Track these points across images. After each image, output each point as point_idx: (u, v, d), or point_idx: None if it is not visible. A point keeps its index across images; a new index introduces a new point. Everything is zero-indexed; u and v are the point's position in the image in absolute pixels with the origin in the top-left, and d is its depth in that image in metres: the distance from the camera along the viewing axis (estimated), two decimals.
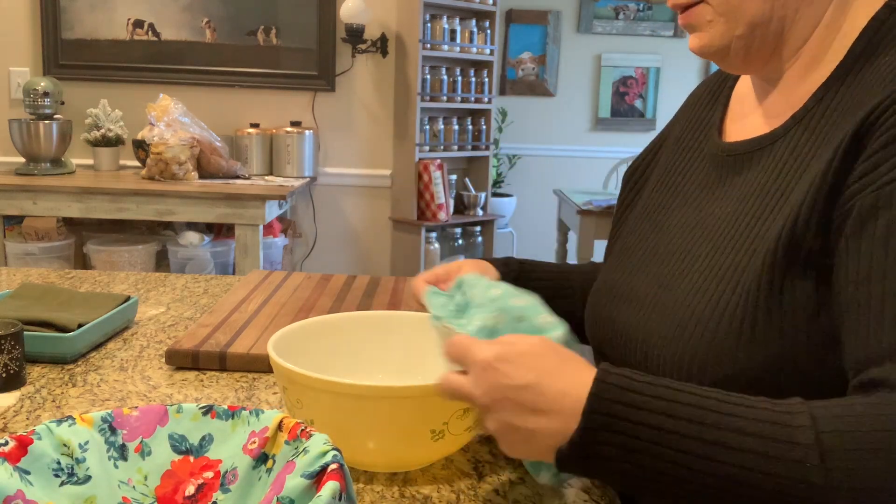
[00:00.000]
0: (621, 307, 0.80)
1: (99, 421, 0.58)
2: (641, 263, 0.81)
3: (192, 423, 0.59)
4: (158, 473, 0.58)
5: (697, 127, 0.87)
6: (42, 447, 0.54)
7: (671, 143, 0.90)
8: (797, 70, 0.73)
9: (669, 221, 0.81)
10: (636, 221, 0.87)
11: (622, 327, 0.78)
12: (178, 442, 0.59)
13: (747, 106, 0.81)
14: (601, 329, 0.83)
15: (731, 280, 0.68)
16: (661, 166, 0.89)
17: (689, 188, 0.82)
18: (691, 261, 0.74)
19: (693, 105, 0.91)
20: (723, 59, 0.75)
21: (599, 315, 0.84)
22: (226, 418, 0.59)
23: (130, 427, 0.59)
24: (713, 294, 0.68)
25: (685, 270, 0.73)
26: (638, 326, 0.75)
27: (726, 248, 0.70)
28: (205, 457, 0.59)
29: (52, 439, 0.55)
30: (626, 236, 0.88)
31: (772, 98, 0.77)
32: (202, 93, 3.26)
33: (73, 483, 0.55)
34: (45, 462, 0.54)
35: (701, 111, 0.89)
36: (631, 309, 0.78)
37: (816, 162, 0.66)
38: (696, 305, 0.69)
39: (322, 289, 1.34)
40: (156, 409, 0.59)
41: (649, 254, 0.81)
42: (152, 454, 0.58)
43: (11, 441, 0.53)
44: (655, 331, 0.72)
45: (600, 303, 0.84)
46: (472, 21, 3.49)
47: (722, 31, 0.73)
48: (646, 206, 0.87)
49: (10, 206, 2.71)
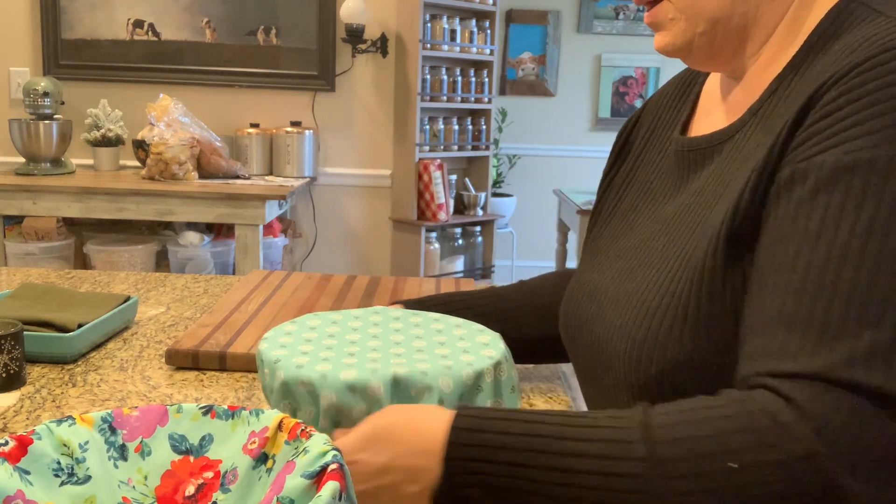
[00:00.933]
0: (585, 303, 0.81)
1: (99, 421, 0.58)
2: (608, 260, 0.82)
3: (192, 423, 0.59)
4: (158, 473, 0.58)
5: (664, 125, 0.87)
6: (42, 447, 0.54)
7: (639, 140, 0.91)
8: (760, 65, 0.73)
9: (638, 220, 0.82)
10: (609, 222, 0.88)
11: (585, 322, 0.79)
12: (178, 442, 0.59)
13: (713, 102, 0.81)
14: (569, 325, 0.84)
15: (678, 269, 0.68)
16: (630, 165, 0.90)
17: (655, 186, 0.82)
18: (648, 253, 0.75)
19: (659, 101, 0.91)
20: (687, 57, 0.76)
21: (567, 311, 0.85)
22: (226, 418, 0.59)
23: (130, 427, 0.58)
24: (662, 283, 0.69)
25: (643, 263, 0.74)
26: (597, 320, 0.76)
27: (678, 239, 0.71)
28: (205, 457, 0.58)
29: (52, 439, 0.55)
30: (598, 235, 0.89)
31: (735, 93, 0.77)
32: (202, 93, 3.26)
33: (74, 483, 0.55)
34: (45, 462, 0.54)
35: (669, 108, 0.89)
36: (593, 304, 0.79)
37: (761, 148, 0.66)
38: (646, 296, 0.70)
39: (322, 289, 1.34)
40: (156, 409, 0.59)
41: (616, 251, 0.81)
42: (152, 454, 0.58)
43: (11, 441, 0.53)
44: (611, 323, 0.73)
45: (570, 300, 0.85)
46: (472, 21, 3.50)
47: (683, 29, 0.73)
48: (618, 207, 0.88)
49: (10, 206, 2.71)
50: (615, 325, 0.72)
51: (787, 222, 0.60)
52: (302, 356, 0.74)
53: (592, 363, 0.77)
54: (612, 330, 0.72)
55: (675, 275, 0.68)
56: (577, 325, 0.81)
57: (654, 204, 0.81)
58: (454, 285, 1.39)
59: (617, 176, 0.91)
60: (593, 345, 0.76)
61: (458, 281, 1.42)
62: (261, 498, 0.55)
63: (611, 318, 0.73)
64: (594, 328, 0.77)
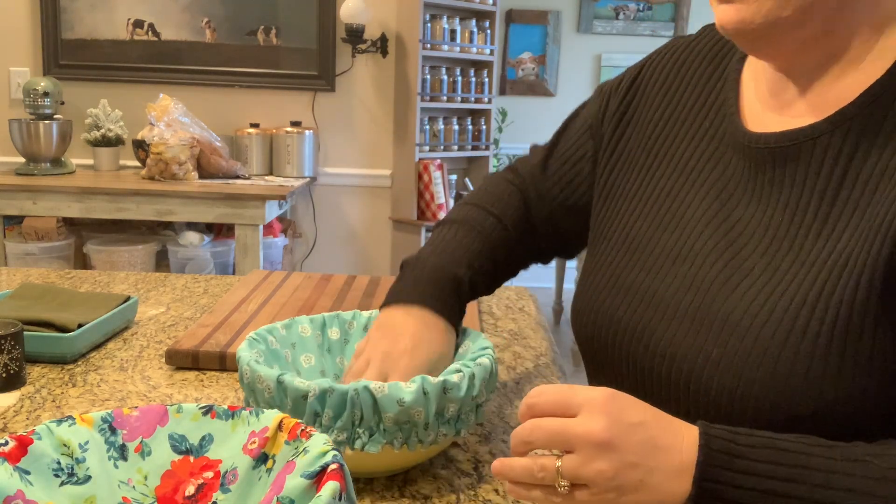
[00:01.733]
0: (643, 311, 0.72)
1: (99, 421, 0.58)
2: (662, 261, 0.73)
3: (192, 423, 0.59)
4: (158, 473, 0.58)
5: (704, 102, 0.78)
6: (42, 447, 0.54)
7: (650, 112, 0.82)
8: (838, 67, 0.66)
9: (690, 215, 0.73)
10: (640, 204, 0.78)
11: (648, 335, 0.71)
12: (178, 442, 0.59)
13: (756, 91, 0.73)
14: (609, 330, 0.75)
15: (805, 304, 0.61)
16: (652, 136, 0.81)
17: (711, 179, 0.73)
18: (732, 270, 0.67)
19: (679, 73, 0.82)
20: (755, 42, 0.66)
21: (610, 316, 0.76)
22: (226, 418, 0.59)
23: (130, 427, 0.59)
24: (783, 318, 0.61)
25: (732, 283, 0.66)
26: (673, 339, 0.68)
27: (784, 263, 0.64)
28: (205, 457, 0.59)
29: (53, 439, 0.55)
30: (628, 220, 0.79)
31: (793, 93, 0.69)
32: (202, 93, 3.26)
33: (74, 483, 0.55)
34: (45, 462, 0.54)
35: (697, 80, 0.80)
36: (658, 315, 0.71)
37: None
38: (760, 329, 0.62)
39: (322, 289, 1.34)
40: (156, 409, 0.59)
41: (671, 251, 0.73)
42: (152, 454, 0.58)
43: (11, 441, 0.53)
44: (702, 350, 0.65)
45: (610, 301, 0.76)
46: (472, 21, 3.50)
47: (770, 8, 0.62)
48: (651, 189, 0.78)
49: (10, 206, 2.71)
50: (710, 356, 0.64)
51: None
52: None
53: (650, 381, 0.70)
54: (702, 360, 0.65)
55: (801, 310, 0.61)
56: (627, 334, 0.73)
57: (708, 199, 0.72)
58: None
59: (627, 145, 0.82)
60: (658, 365, 0.69)
61: None
62: (261, 498, 0.55)
63: (699, 343, 0.66)
64: (666, 348, 0.68)
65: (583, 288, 0.81)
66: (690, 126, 0.78)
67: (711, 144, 0.75)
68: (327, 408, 0.67)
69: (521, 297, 1.43)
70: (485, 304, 1.36)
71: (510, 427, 0.87)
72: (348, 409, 0.66)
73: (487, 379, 0.73)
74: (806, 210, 0.64)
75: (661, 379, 0.68)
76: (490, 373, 0.73)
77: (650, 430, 0.57)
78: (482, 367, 0.72)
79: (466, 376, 0.70)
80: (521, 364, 1.07)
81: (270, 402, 0.69)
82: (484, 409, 0.75)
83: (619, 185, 0.82)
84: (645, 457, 0.56)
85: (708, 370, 0.64)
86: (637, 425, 0.56)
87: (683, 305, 0.69)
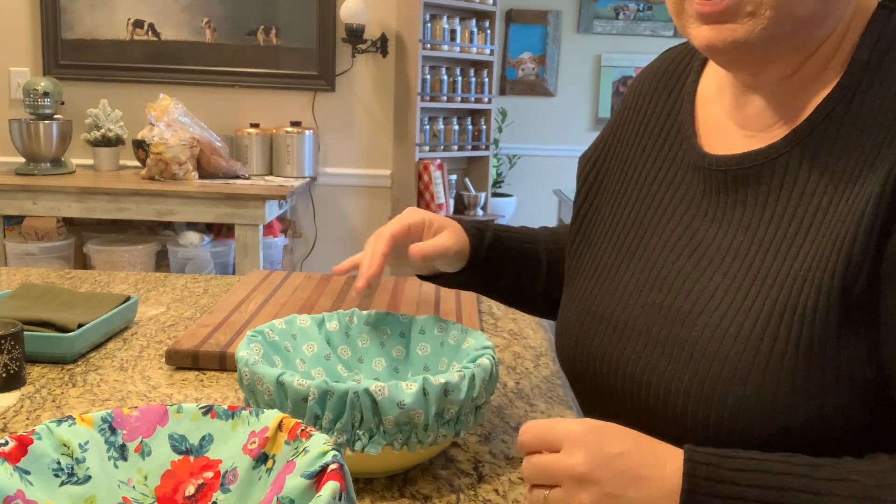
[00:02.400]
0: (617, 341, 0.72)
1: (99, 421, 0.58)
2: (632, 290, 0.73)
3: (192, 423, 0.59)
4: (158, 473, 0.58)
5: (658, 130, 0.78)
6: (42, 447, 0.55)
7: (623, 146, 0.82)
8: (801, 80, 0.66)
9: (655, 242, 0.73)
10: (609, 234, 0.79)
11: (623, 364, 0.71)
12: (178, 442, 0.59)
13: (719, 110, 0.73)
14: (589, 362, 0.75)
15: (769, 324, 0.61)
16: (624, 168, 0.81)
17: (673, 204, 0.74)
18: (699, 293, 0.67)
19: (639, 101, 0.82)
20: (739, 60, 0.65)
21: (587, 347, 0.76)
22: (226, 418, 0.59)
23: (130, 427, 0.59)
24: (748, 338, 0.61)
25: (699, 309, 0.66)
26: (649, 368, 0.68)
27: (745, 282, 0.64)
28: (205, 457, 0.59)
29: (53, 439, 0.55)
30: (598, 251, 0.80)
31: (755, 105, 0.69)
32: (202, 93, 3.26)
33: (73, 483, 0.55)
34: (45, 462, 0.54)
35: (656, 111, 0.80)
36: (632, 344, 0.70)
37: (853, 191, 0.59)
38: (728, 352, 0.62)
39: (322, 289, 1.34)
40: (156, 409, 0.60)
41: (639, 279, 0.73)
42: (152, 454, 0.58)
43: (11, 441, 0.53)
44: (675, 376, 0.65)
45: (585, 332, 0.76)
46: (472, 21, 3.50)
47: (763, 26, 0.60)
48: (619, 218, 0.79)
49: (10, 206, 2.71)
50: (683, 382, 0.64)
51: None
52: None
53: (632, 410, 0.70)
54: (676, 385, 0.65)
55: (767, 331, 0.61)
56: (603, 363, 0.73)
57: (671, 224, 0.73)
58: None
59: (602, 168, 0.83)
60: (636, 394, 0.69)
61: None
62: (261, 498, 0.55)
63: (670, 370, 0.66)
64: (641, 376, 0.68)
65: (561, 321, 0.82)
66: (654, 152, 0.78)
67: (672, 168, 0.75)
68: (327, 410, 0.67)
69: None
70: (485, 305, 1.36)
71: (510, 427, 0.87)
72: (348, 410, 0.66)
73: (487, 380, 0.73)
74: (767, 229, 0.64)
75: (644, 407, 0.68)
76: (490, 374, 0.73)
77: (630, 459, 0.57)
78: (482, 369, 0.72)
79: (467, 377, 0.70)
80: (521, 364, 1.07)
81: (270, 403, 0.69)
82: (484, 410, 0.75)
83: (593, 218, 0.83)
84: (625, 487, 0.56)
85: (682, 398, 0.64)
86: (616, 456, 0.57)
87: (654, 333, 0.68)
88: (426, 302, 1.29)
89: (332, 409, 0.66)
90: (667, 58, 0.83)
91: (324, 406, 0.67)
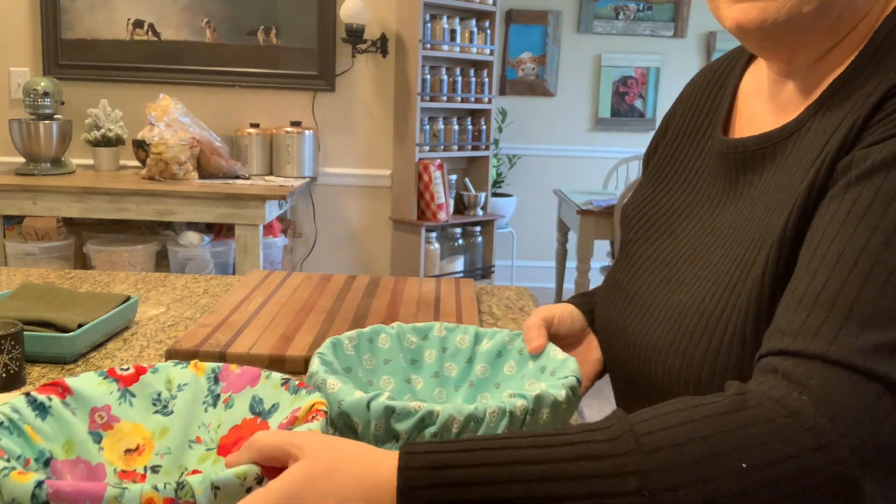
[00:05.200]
0: (618, 307, 0.77)
1: (209, 370, 0.70)
2: (649, 266, 0.76)
3: (272, 390, 0.68)
4: (229, 425, 0.68)
5: (700, 121, 0.81)
6: (152, 379, 0.69)
7: (672, 136, 0.86)
8: (828, 63, 0.66)
9: (682, 225, 0.76)
10: (648, 218, 0.82)
11: (619, 330, 0.75)
12: (256, 403, 0.68)
13: (757, 101, 0.75)
14: (608, 330, 0.79)
15: (738, 281, 0.63)
16: (664, 162, 0.85)
17: (700, 188, 0.77)
18: (701, 264, 0.69)
19: (692, 95, 0.86)
20: (770, 41, 0.66)
21: (601, 314, 0.81)
22: (292, 392, 0.67)
23: (229, 382, 0.69)
24: (721, 297, 0.64)
25: (697, 275, 0.69)
26: (643, 330, 0.71)
27: (735, 249, 0.66)
28: (266, 421, 0.67)
29: (163, 376, 0.69)
30: (639, 234, 0.82)
31: (787, 92, 0.71)
32: (202, 93, 3.26)
33: (162, 413, 0.68)
34: (149, 392, 0.68)
35: (702, 104, 0.83)
36: (627, 310, 0.75)
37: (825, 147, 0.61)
38: (703, 311, 0.65)
39: (322, 289, 1.34)
40: (253, 371, 0.70)
41: (658, 257, 0.76)
42: (233, 408, 0.68)
43: (132, 368, 0.68)
44: (661, 336, 0.68)
45: (604, 301, 0.81)
46: (472, 21, 3.50)
47: (793, 3, 0.62)
48: (657, 205, 0.82)
49: (10, 206, 2.71)
50: (665, 340, 0.67)
51: (833, 204, 0.56)
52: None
53: (632, 373, 0.72)
54: (661, 345, 0.68)
55: (735, 288, 0.63)
56: (610, 330, 0.77)
57: (701, 208, 0.75)
58: (454, 285, 1.39)
59: (656, 170, 0.86)
60: (634, 356, 0.72)
61: (459, 281, 1.42)
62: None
63: (658, 331, 0.69)
64: (634, 339, 0.72)
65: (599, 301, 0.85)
66: (693, 142, 0.82)
67: (701, 155, 0.79)
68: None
69: (521, 297, 1.43)
70: (485, 305, 1.36)
71: None
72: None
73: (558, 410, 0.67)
74: (763, 200, 0.66)
75: (642, 370, 0.71)
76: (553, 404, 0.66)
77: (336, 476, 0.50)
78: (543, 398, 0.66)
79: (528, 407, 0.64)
80: None
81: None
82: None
83: (645, 205, 0.85)
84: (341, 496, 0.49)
85: (665, 354, 0.67)
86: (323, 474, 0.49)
87: (654, 303, 0.72)
88: (426, 302, 1.29)
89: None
90: (721, 58, 0.87)
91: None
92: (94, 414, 0.65)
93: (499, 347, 0.83)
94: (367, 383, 0.80)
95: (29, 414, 0.60)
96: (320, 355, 0.74)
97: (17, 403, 0.60)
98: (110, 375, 0.67)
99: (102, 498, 0.46)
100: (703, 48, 4.83)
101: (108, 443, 0.64)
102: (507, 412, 0.62)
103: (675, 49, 4.82)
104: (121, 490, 0.46)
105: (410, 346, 0.83)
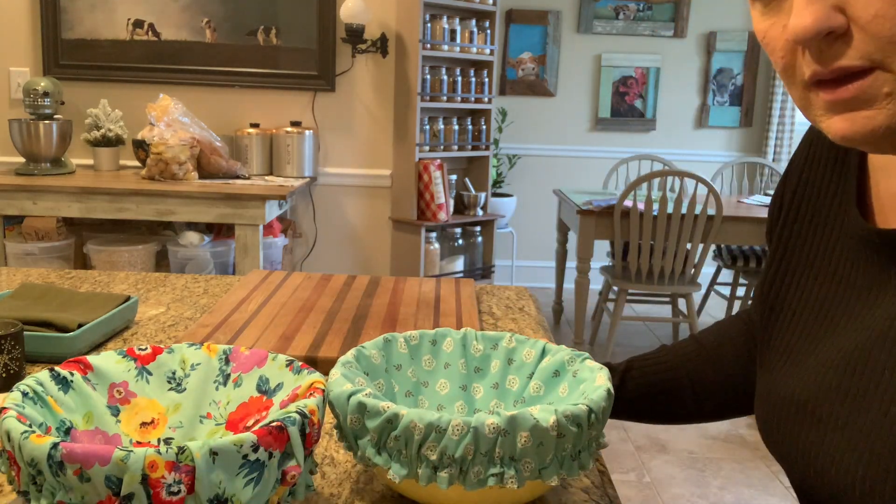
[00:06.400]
0: (791, 420, 0.67)
1: (221, 352, 0.75)
2: (811, 369, 0.68)
3: (278, 370, 0.72)
4: (237, 403, 0.72)
5: (828, 198, 0.72)
6: (167, 359, 0.74)
7: (794, 207, 0.76)
8: None
9: (840, 322, 0.67)
10: (799, 312, 0.73)
11: (800, 449, 0.66)
12: (262, 383, 0.72)
13: (892, 178, 0.65)
14: (775, 442, 0.70)
15: None
16: (793, 241, 0.75)
17: (846, 278, 0.67)
18: (871, 376, 0.60)
19: (806, 163, 0.76)
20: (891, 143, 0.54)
21: (769, 423, 0.71)
22: (295, 373, 0.71)
23: (239, 362, 0.74)
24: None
25: (866, 390, 0.60)
26: (823, 455, 0.62)
27: None
28: (271, 400, 0.71)
29: (177, 356, 0.74)
30: (787, 327, 0.73)
31: None
32: (202, 93, 3.26)
33: (175, 391, 0.73)
34: (165, 370, 0.73)
35: (823, 175, 0.73)
36: (804, 425, 0.65)
37: None
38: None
39: (322, 289, 1.34)
40: (261, 353, 0.74)
41: (820, 359, 0.67)
42: (242, 386, 0.73)
43: (149, 349, 0.74)
44: (855, 474, 0.59)
45: (770, 407, 0.71)
46: (472, 21, 3.50)
47: None
48: (805, 297, 0.72)
49: (10, 206, 2.71)
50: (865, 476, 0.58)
51: None
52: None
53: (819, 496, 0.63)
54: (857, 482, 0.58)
55: None
56: (785, 444, 0.67)
57: (856, 304, 0.66)
58: (454, 285, 1.39)
59: (786, 247, 0.76)
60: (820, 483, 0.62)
61: (459, 281, 1.42)
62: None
63: (848, 463, 0.59)
64: (820, 464, 0.62)
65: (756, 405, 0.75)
66: (825, 219, 0.72)
67: (837, 238, 0.69)
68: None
69: (521, 297, 1.43)
70: (485, 304, 1.36)
71: None
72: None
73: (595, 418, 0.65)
74: None
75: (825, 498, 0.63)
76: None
77: None
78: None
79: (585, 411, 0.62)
80: None
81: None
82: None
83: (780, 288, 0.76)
84: None
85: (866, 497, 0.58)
86: None
87: (837, 421, 0.62)
88: (426, 302, 1.29)
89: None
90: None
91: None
92: (112, 389, 0.70)
93: (557, 366, 0.79)
94: (422, 384, 0.80)
95: (52, 387, 0.65)
96: (359, 349, 0.76)
97: (41, 377, 0.65)
98: (129, 354, 0.73)
99: (110, 459, 0.50)
100: (703, 48, 4.83)
101: (126, 416, 0.70)
102: (471, 428, 0.58)
103: (675, 49, 4.82)
104: (126, 453, 0.50)
105: (476, 354, 0.82)
